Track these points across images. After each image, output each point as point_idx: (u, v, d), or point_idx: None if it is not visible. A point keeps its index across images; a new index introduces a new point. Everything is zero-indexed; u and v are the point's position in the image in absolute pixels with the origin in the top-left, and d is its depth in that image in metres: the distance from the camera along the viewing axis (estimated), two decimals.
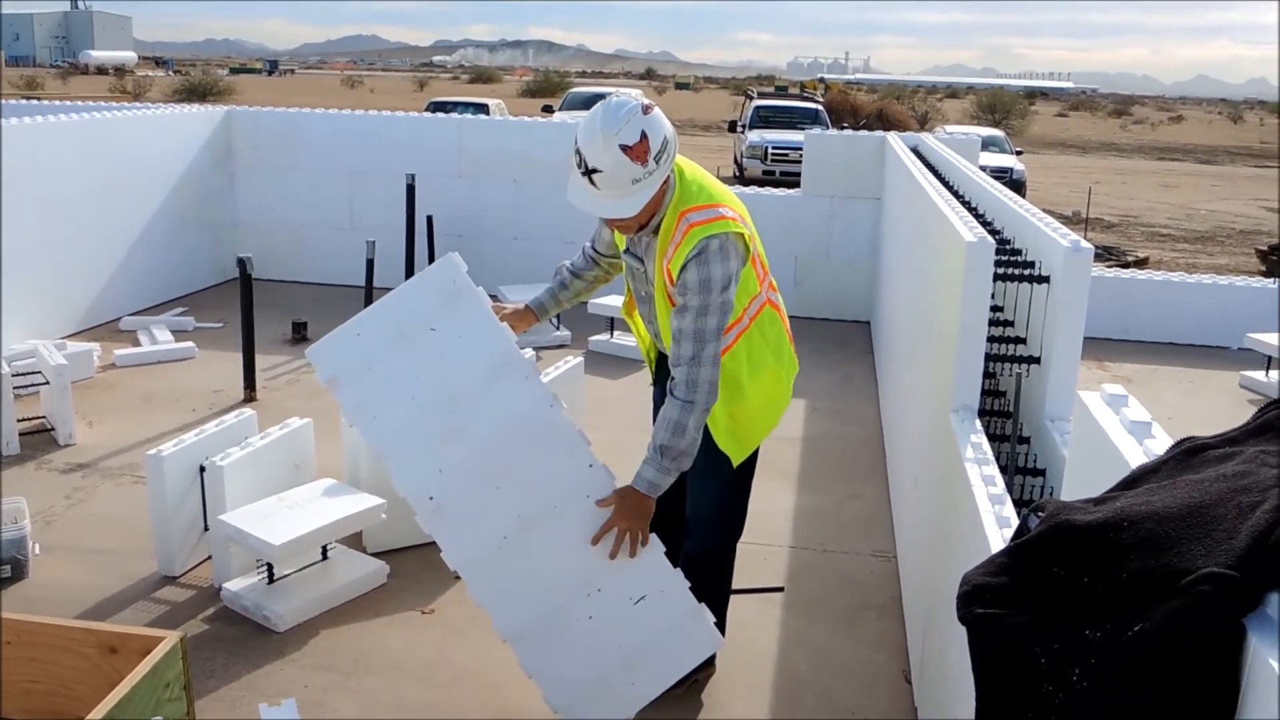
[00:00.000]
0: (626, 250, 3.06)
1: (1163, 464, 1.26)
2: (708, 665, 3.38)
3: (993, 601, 1.09)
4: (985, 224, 4.26)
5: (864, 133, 8.93)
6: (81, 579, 3.93)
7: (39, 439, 5.27)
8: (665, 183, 2.81)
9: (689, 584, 3.00)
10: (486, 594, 2.89)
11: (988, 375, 3.35)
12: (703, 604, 3.01)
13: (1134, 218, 19.52)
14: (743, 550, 4.34)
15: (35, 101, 11.03)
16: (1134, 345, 8.00)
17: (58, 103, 10.26)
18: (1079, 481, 1.74)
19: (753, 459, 3.19)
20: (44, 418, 5.41)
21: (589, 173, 2.69)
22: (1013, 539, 1.18)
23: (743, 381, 2.97)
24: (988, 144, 19.16)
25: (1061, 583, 1.06)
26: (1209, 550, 1.00)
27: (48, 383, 5.29)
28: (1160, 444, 1.45)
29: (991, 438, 3.05)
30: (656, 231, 2.89)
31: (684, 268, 2.77)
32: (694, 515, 3.22)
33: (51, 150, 6.94)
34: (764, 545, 4.35)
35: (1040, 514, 1.16)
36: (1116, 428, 1.55)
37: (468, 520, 2.84)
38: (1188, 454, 1.26)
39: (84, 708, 2.64)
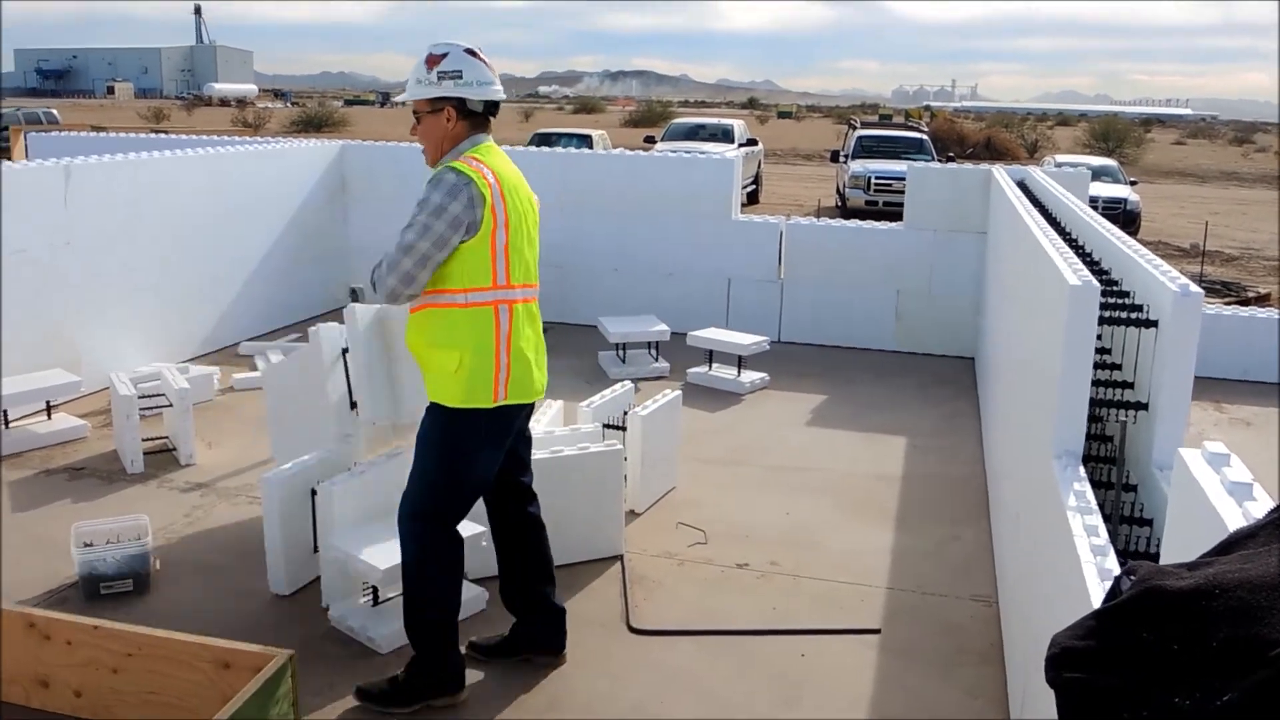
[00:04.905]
0: None
1: (1260, 529, 1.24)
2: (556, 650, 3.67)
3: (1080, 665, 1.09)
4: (1092, 263, 4.18)
5: (968, 165, 8.81)
6: (198, 595, 4.12)
7: (161, 458, 5.53)
8: (449, 122, 3.21)
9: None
10: None
11: (1094, 419, 3.28)
12: None
13: (1256, 250, 18.79)
14: (838, 590, 4.32)
15: (164, 135, 11.60)
16: (1253, 386, 7.71)
17: (183, 136, 10.78)
18: (1177, 541, 1.71)
19: (463, 449, 3.30)
20: (166, 438, 5.67)
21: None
22: (1104, 601, 1.18)
23: (420, 347, 3.30)
24: (1101, 174, 18.68)
25: (1150, 649, 1.06)
26: None
27: (171, 405, 5.56)
28: (1261, 507, 1.43)
29: (1097, 484, 2.99)
30: None
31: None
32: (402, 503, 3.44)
33: (180, 182, 7.32)
34: (860, 585, 4.32)
35: (1132, 577, 1.16)
36: (1217, 488, 1.53)
37: None
38: None
39: None
